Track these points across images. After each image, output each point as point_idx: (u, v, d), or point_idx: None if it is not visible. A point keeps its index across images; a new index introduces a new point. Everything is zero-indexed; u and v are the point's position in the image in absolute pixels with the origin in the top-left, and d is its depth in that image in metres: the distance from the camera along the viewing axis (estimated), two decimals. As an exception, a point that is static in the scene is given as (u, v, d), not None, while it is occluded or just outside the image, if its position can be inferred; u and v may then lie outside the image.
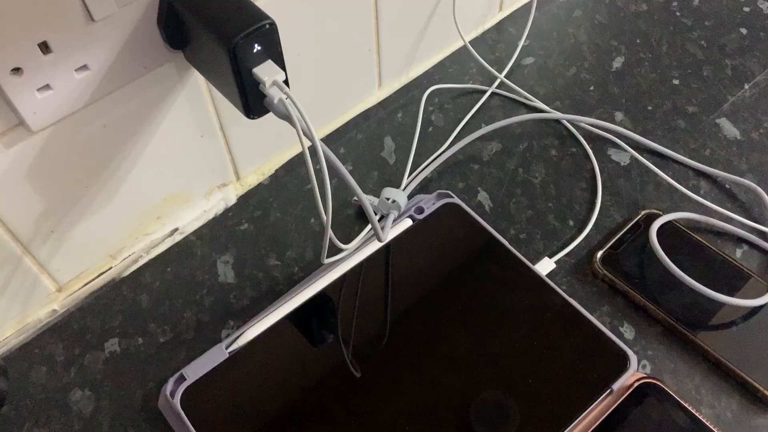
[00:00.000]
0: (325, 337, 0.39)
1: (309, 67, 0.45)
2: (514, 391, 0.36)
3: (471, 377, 0.37)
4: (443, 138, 0.49)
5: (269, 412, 0.36)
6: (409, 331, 0.39)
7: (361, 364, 0.38)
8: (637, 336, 0.39)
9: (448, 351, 0.38)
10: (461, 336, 0.38)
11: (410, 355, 0.38)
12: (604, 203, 0.45)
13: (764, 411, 0.36)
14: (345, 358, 0.38)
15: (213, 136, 0.42)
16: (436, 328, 0.39)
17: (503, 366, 0.37)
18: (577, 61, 0.53)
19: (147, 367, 0.39)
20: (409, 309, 0.40)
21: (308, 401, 0.36)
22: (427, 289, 0.41)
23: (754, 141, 0.47)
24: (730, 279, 0.40)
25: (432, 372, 0.37)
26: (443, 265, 0.42)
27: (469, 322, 0.39)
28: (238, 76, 0.31)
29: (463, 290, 0.40)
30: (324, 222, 0.32)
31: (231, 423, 0.36)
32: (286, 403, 0.36)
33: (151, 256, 0.44)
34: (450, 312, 0.40)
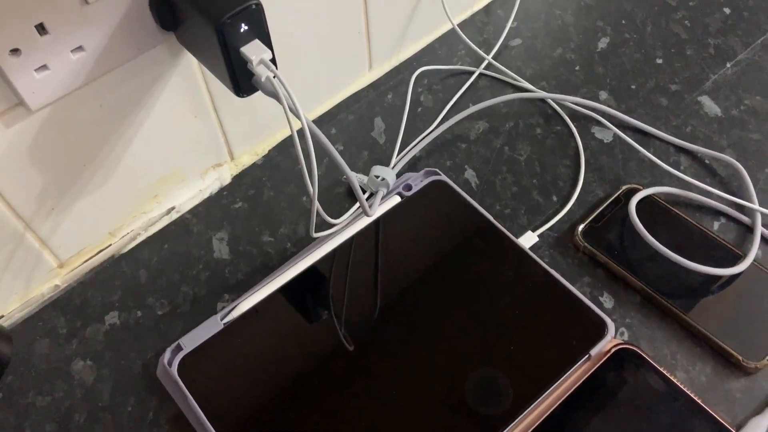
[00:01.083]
0: (316, 309, 0.40)
1: (300, 49, 0.46)
2: (498, 357, 0.38)
3: (457, 346, 0.38)
4: (432, 118, 0.51)
5: (262, 380, 0.38)
6: (397, 303, 0.40)
7: (352, 334, 0.39)
8: (616, 305, 0.41)
9: (436, 321, 0.39)
10: (448, 307, 0.40)
11: (399, 324, 0.39)
12: (587, 179, 0.46)
13: (737, 375, 0.38)
14: (336, 329, 0.39)
15: (206, 117, 0.44)
16: (424, 300, 0.40)
17: (488, 334, 0.39)
18: (563, 42, 0.55)
19: (146, 339, 0.41)
20: (398, 282, 0.41)
21: (299, 369, 0.38)
22: (416, 262, 0.42)
23: (735, 118, 0.49)
24: (707, 250, 0.41)
25: (420, 341, 0.39)
26: (431, 240, 0.43)
27: (455, 293, 0.41)
28: (227, 55, 0.32)
29: (449, 263, 0.42)
30: (311, 194, 0.34)
31: (225, 389, 0.37)
32: (278, 371, 0.38)
33: (148, 233, 0.45)
34: (437, 284, 0.41)
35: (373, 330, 0.39)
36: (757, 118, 0.49)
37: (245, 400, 0.37)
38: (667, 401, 0.36)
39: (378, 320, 0.40)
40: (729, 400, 0.37)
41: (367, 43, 0.51)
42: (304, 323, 0.40)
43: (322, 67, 0.49)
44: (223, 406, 0.37)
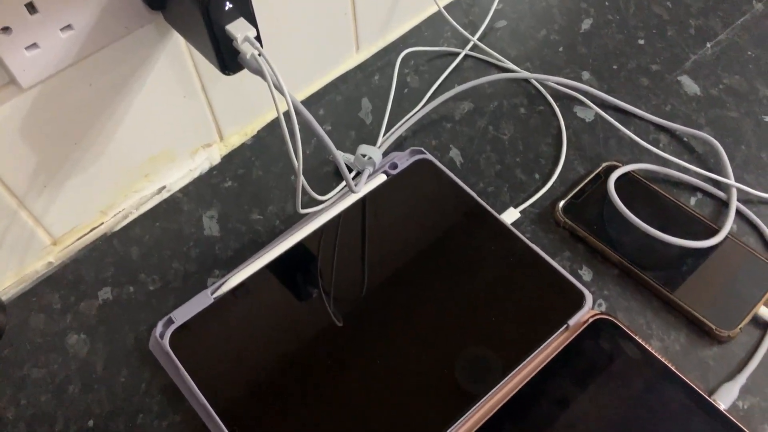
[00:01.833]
0: (304, 285, 0.42)
1: (288, 31, 0.47)
2: (481, 328, 0.39)
3: (442, 319, 0.40)
4: (418, 99, 0.52)
5: (251, 351, 0.39)
6: (384, 278, 0.42)
7: (339, 308, 0.40)
8: (594, 278, 0.42)
9: (422, 296, 0.41)
10: (433, 281, 0.41)
11: (386, 298, 0.41)
12: (569, 157, 0.47)
13: (710, 343, 0.39)
14: (323, 303, 0.41)
15: (195, 97, 0.44)
16: (410, 275, 0.42)
17: (471, 307, 0.40)
18: (547, 24, 0.55)
19: (138, 313, 0.42)
20: (385, 258, 0.42)
21: (287, 341, 0.39)
22: (402, 239, 0.43)
23: (713, 97, 0.50)
24: (683, 224, 0.43)
25: (406, 315, 0.40)
26: (416, 217, 0.44)
27: (440, 268, 0.42)
28: (212, 33, 0.33)
29: (434, 239, 0.43)
30: (296, 169, 0.35)
31: (215, 360, 0.39)
32: (266, 343, 0.39)
33: (140, 212, 0.46)
34: (422, 260, 0.42)
35: (359, 303, 0.41)
36: (735, 96, 0.50)
37: (234, 370, 0.38)
38: (642, 368, 0.37)
39: (364, 294, 0.41)
40: (702, 367, 0.38)
41: (353, 25, 0.51)
42: (292, 298, 0.41)
43: (310, 48, 0.50)
44: (213, 376, 0.38)
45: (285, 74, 0.50)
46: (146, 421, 0.38)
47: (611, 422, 0.36)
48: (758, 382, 0.38)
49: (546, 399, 0.37)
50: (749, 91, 0.50)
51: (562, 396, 0.37)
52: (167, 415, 0.38)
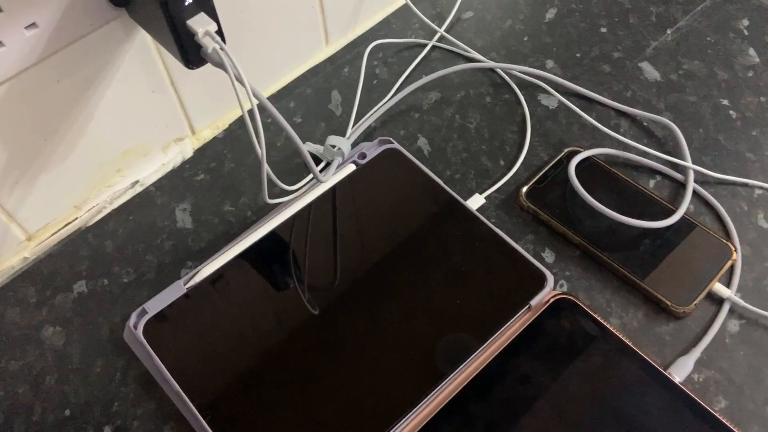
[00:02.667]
0: (276, 273, 0.43)
1: (256, 25, 0.48)
2: (448, 310, 0.40)
3: (411, 303, 0.41)
4: (387, 90, 0.53)
5: (224, 339, 0.40)
6: (355, 265, 0.43)
7: (311, 295, 0.42)
8: (557, 259, 0.43)
9: (392, 281, 0.42)
10: (402, 267, 0.42)
11: (357, 284, 0.42)
12: (533, 144, 0.49)
13: (667, 320, 0.40)
14: (295, 291, 0.42)
15: (164, 92, 0.45)
16: (380, 261, 0.43)
17: (438, 290, 0.41)
18: (513, 14, 0.57)
19: (112, 305, 0.43)
20: (355, 245, 0.43)
21: (259, 329, 0.40)
22: (371, 226, 0.44)
23: (673, 82, 0.51)
24: (642, 206, 0.44)
25: (377, 301, 0.41)
26: (385, 205, 0.45)
27: (408, 254, 0.43)
28: (174, 29, 0.34)
29: (402, 226, 0.44)
30: (259, 156, 0.36)
31: (189, 349, 0.40)
32: (239, 331, 0.40)
33: (114, 206, 0.47)
34: (391, 246, 0.43)
35: (331, 290, 0.42)
36: (694, 81, 0.51)
37: (208, 358, 0.39)
38: (601, 345, 0.39)
39: (336, 281, 0.42)
40: (660, 342, 0.40)
41: (322, 18, 0.52)
42: (265, 286, 0.42)
43: (280, 42, 0.51)
44: (187, 364, 0.39)
45: (254, 68, 0.50)
46: (121, 408, 0.39)
47: (572, 398, 0.37)
48: (713, 356, 0.39)
49: (509, 377, 0.38)
50: (708, 75, 0.51)
51: (525, 374, 0.38)
52: (142, 402, 0.39)
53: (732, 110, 0.49)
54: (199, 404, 0.38)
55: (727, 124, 0.49)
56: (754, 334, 0.40)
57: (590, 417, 0.36)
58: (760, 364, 0.39)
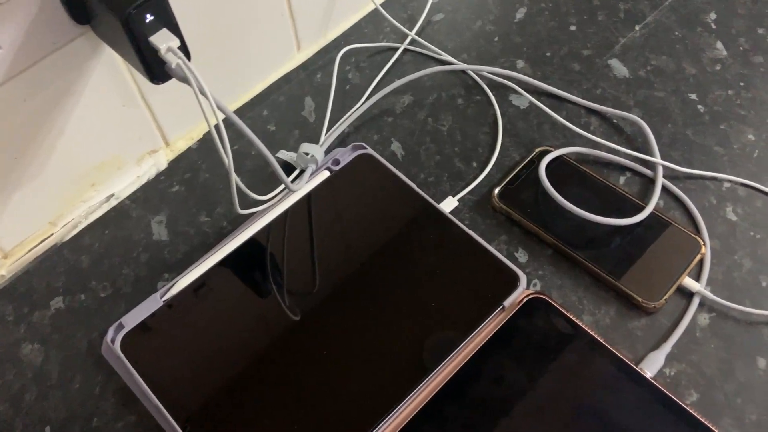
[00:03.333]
0: (254, 282, 0.43)
1: (225, 34, 0.48)
2: (424, 313, 0.41)
3: (387, 308, 0.41)
4: (359, 95, 0.53)
5: (202, 351, 0.40)
6: (333, 272, 0.43)
7: (289, 304, 0.42)
8: (529, 259, 0.44)
9: (368, 286, 0.42)
10: (378, 272, 0.43)
11: (334, 291, 0.42)
12: (505, 144, 0.49)
13: (638, 316, 0.41)
14: (273, 299, 0.42)
15: (135, 105, 0.45)
16: (355, 266, 0.43)
17: (413, 294, 0.42)
18: (483, 15, 0.57)
19: (90, 320, 0.43)
20: (332, 252, 0.44)
21: (238, 339, 0.41)
22: (347, 232, 0.45)
23: (641, 78, 0.52)
24: (612, 203, 0.45)
25: (355, 306, 0.41)
26: (359, 210, 0.46)
27: (383, 258, 0.43)
28: (136, 45, 0.34)
29: (377, 231, 0.45)
30: (227, 165, 0.36)
31: (167, 362, 0.40)
32: (218, 342, 0.40)
33: (89, 221, 0.47)
34: (367, 251, 0.44)
35: (308, 298, 0.42)
36: (662, 76, 0.52)
37: (186, 370, 0.40)
38: (573, 343, 0.39)
39: (315, 288, 0.42)
40: (631, 338, 0.40)
41: (292, 25, 0.52)
42: (243, 295, 0.42)
43: (251, 50, 0.51)
44: (166, 377, 0.39)
45: (225, 77, 0.51)
46: (101, 423, 0.39)
47: (546, 396, 0.38)
48: (684, 350, 0.40)
49: (485, 378, 0.38)
50: (676, 70, 0.52)
51: (500, 374, 0.38)
52: (122, 417, 0.39)
53: (700, 105, 0.50)
54: (179, 418, 0.38)
55: (696, 119, 0.49)
56: (724, 327, 0.40)
57: (564, 415, 0.37)
58: (730, 357, 0.39)
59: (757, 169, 0.47)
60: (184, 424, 0.38)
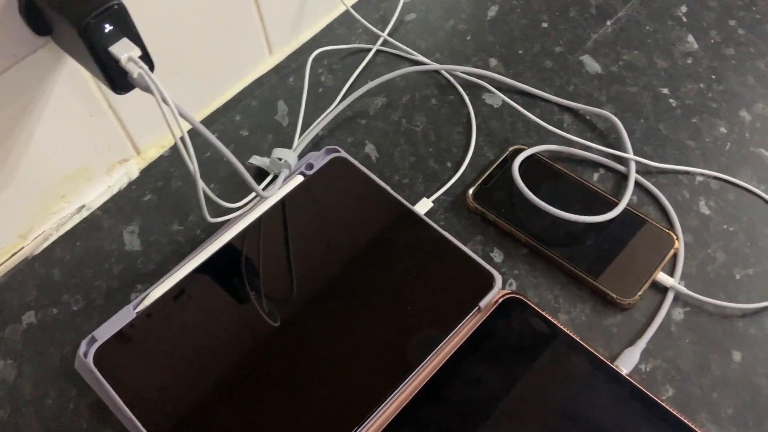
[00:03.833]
0: (229, 290, 0.42)
1: (193, 40, 0.47)
2: (398, 317, 0.41)
3: (363, 311, 0.41)
4: (333, 97, 0.52)
5: (177, 363, 0.40)
6: (308, 276, 0.43)
7: (266, 311, 0.41)
8: (505, 259, 0.44)
9: (344, 290, 0.42)
10: (355, 276, 0.42)
11: (310, 297, 0.42)
12: (479, 144, 0.49)
13: (613, 313, 0.41)
14: (250, 307, 0.42)
15: (103, 115, 0.45)
16: (332, 271, 0.43)
17: (390, 297, 0.41)
18: (455, 14, 0.57)
19: (63, 334, 0.42)
20: (308, 257, 0.43)
21: (213, 350, 0.40)
22: (323, 237, 0.44)
23: (613, 74, 0.52)
24: (586, 200, 0.45)
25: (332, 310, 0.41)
26: (334, 214, 0.45)
27: (359, 262, 0.43)
28: (96, 56, 0.33)
29: (353, 235, 0.44)
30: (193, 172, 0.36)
31: (142, 374, 0.39)
32: (192, 354, 0.40)
33: (60, 233, 0.47)
34: (343, 255, 0.43)
35: (286, 305, 0.42)
36: (634, 71, 0.52)
37: (161, 383, 0.39)
38: (549, 342, 0.39)
39: (292, 295, 0.42)
40: (607, 335, 0.40)
41: (262, 28, 0.52)
42: (219, 304, 0.42)
43: (221, 55, 0.50)
44: (140, 390, 0.39)
45: (196, 84, 0.50)
46: (75, 439, 0.39)
47: (523, 396, 0.37)
48: (659, 345, 0.40)
49: (462, 380, 0.38)
50: (647, 65, 0.52)
51: (477, 375, 0.38)
52: (96, 431, 0.39)
53: (672, 99, 0.50)
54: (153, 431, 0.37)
55: (668, 113, 0.49)
56: (699, 321, 0.40)
57: (541, 414, 0.37)
58: (705, 351, 0.39)
59: (729, 162, 0.47)
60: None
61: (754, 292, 0.41)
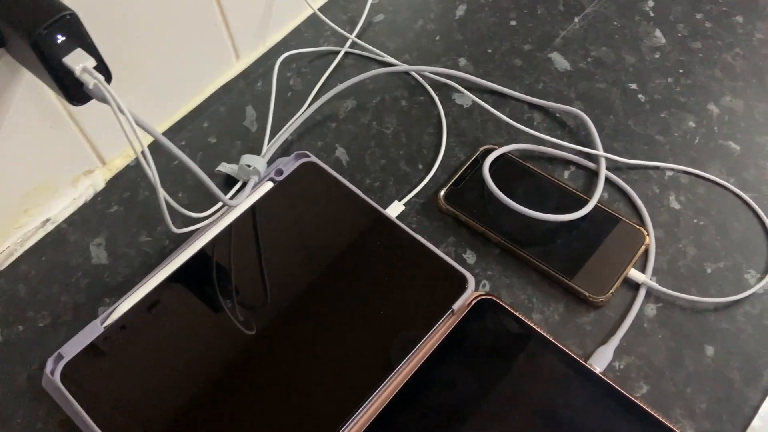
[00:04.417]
0: (202, 300, 0.42)
1: (156, 47, 0.46)
2: (372, 322, 0.40)
3: (337, 317, 0.40)
4: (302, 101, 0.52)
5: (147, 378, 0.39)
6: (281, 283, 0.42)
7: (239, 321, 0.41)
8: (478, 260, 0.43)
9: (316, 296, 0.41)
10: (327, 281, 0.42)
11: (284, 304, 0.41)
12: (449, 144, 0.49)
13: (586, 311, 0.41)
14: (223, 317, 0.41)
15: (64, 126, 0.44)
16: (304, 277, 0.42)
17: (362, 302, 0.41)
18: (423, 13, 0.56)
19: (29, 352, 0.42)
20: (281, 264, 0.43)
21: (184, 363, 0.39)
22: (294, 243, 0.44)
23: (582, 70, 0.52)
24: (557, 198, 0.44)
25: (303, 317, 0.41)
26: (306, 220, 0.45)
27: (332, 267, 0.42)
28: (50, 67, 0.32)
29: (324, 240, 0.44)
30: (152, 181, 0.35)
31: (111, 391, 0.38)
32: (162, 367, 0.39)
33: (25, 248, 0.45)
34: (315, 261, 0.43)
35: (258, 313, 0.41)
36: (603, 67, 0.52)
37: (130, 398, 0.38)
38: (523, 342, 0.39)
39: (266, 302, 0.41)
40: (580, 333, 0.40)
41: (228, 33, 0.51)
42: (189, 317, 0.41)
43: (186, 62, 0.49)
44: (109, 407, 0.38)
45: (161, 92, 0.49)
46: (44, 459, 0.38)
47: (499, 398, 0.37)
48: (632, 342, 0.40)
49: (436, 384, 0.38)
50: (616, 61, 0.52)
51: (452, 379, 0.38)
52: (66, 450, 0.38)
53: (641, 94, 0.50)
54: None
55: (637, 108, 0.49)
56: (671, 317, 0.40)
57: (517, 415, 0.37)
58: (679, 346, 0.39)
59: (698, 156, 0.47)
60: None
61: (726, 285, 0.41)
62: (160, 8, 0.45)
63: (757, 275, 0.42)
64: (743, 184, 0.46)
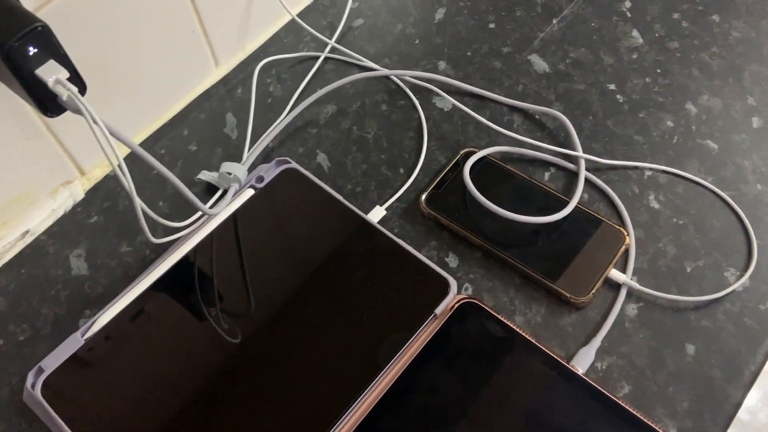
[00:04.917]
0: (183, 311, 0.41)
1: (134, 56, 0.46)
2: (355, 328, 0.40)
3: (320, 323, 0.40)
4: (282, 107, 0.52)
5: (128, 390, 0.39)
6: (264, 290, 0.42)
7: (222, 330, 0.41)
8: (460, 263, 0.43)
9: (299, 303, 0.41)
10: (309, 288, 0.42)
11: (267, 312, 0.41)
12: (430, 148, 0.49)
13: (568, 312, 0.41)
14: (205, 327, 0.41)
15: (41, 137, 0.43)
16: (287, 284, 0.42)
17: (345, 308, 0.41)
18: (403, 18, 0.56)
19: (9, 366, 0.41)
20: (263, 271, 0.43)
21: (166, 374, 0.39)
22: (277, 250, 0.44)
23: (561, 72, 0.52)
24: (538, 200, 0.45)
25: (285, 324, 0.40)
26: (287, 227, 0.45)
27: (314, 274, 0.42)
28: (22, 79, 0.32)
29: (306, 246, 0.44)
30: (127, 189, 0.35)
31: (93, 404, 0.38)
32: (143, 379, 0.39)
33: (3, 260, 0.45)
34: (298, 268, 0.43)
35: (244, 321, 0.41)
36: (581, 69, 0.52)
37: (115, 411, 0.38)
38: (506, 345, 0.39)
39: (249, 310, 0.41)
40: (562, 335, 0.40)
41: (206, 40, 0.51)
42: (172, 327, 0.41)
43: (164, 70, 0.49)
44: (91, 420, 0.38)
45: (139, 101, 0.49)
46: (25, 475, 0.37)
47: (482, 401, 0.37)
48: (614, 342, 0.40)
49: (420, 389, 0.38)
50: (594, 61, 0.52)
51: (435, 383, 0.38)
52: (48, 465, 0.38)
53: (619, 94, 0.50)
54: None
55: (615, 109, 0.50)
56: (652, 316, 0.41)
57: (500, 417, 0.37)
58: (660, 345, 0.40)
59: (677, 155, 0.47)
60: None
61: (706, 284, 0.42)
62: (136, 16, 0.44)
63: (736, 273, 0.42)
64: (721, 182, 0.46)
